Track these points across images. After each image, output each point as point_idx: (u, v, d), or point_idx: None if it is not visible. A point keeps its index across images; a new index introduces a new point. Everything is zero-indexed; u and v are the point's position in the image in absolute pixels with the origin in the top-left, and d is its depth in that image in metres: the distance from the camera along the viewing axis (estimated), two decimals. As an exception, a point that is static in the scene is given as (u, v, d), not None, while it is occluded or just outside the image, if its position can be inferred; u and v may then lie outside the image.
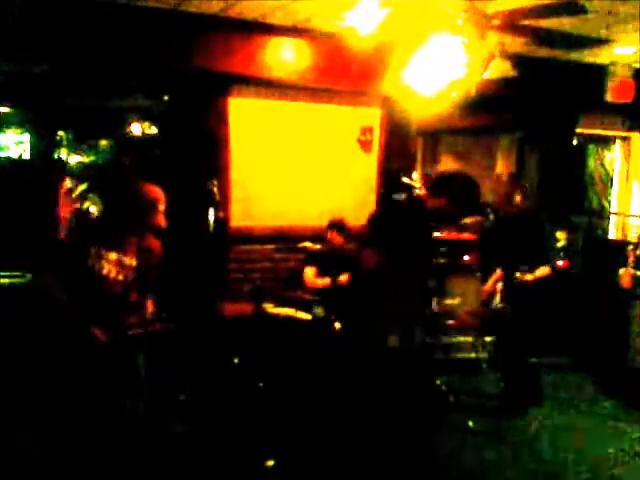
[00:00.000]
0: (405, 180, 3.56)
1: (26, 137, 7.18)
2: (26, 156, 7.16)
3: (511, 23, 3.82)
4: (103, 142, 7.75)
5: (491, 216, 6.04)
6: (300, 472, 3.72)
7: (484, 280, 5.12)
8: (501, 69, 4.21)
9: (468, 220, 6.06)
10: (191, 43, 4.96)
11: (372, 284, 3.59)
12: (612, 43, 5.38)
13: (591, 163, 7.38)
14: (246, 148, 5.45)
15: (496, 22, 3.78)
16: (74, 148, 7.54)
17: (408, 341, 3.40)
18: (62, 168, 7.22)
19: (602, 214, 7.22)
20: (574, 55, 5.92)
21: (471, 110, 5.62)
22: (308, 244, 5.39)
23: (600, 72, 6.31)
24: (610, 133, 6.99)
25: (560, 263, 6.22)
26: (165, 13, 4.81)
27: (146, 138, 7.36)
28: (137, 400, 3.19)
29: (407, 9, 3.94)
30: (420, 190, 3.48)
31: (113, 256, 3.14)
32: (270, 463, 3.66)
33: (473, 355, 5.50)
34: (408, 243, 3.40)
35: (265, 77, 5.28)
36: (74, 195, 5.84)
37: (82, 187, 5.94)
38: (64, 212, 5.49)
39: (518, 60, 4.66)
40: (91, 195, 5.74)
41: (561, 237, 6.41)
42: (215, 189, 3.79)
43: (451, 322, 4.50)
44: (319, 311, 4.59)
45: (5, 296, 4.66)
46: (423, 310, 3.67)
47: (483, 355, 5.47)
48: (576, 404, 5.18)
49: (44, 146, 7.06)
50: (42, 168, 6.88)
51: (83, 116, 7.08)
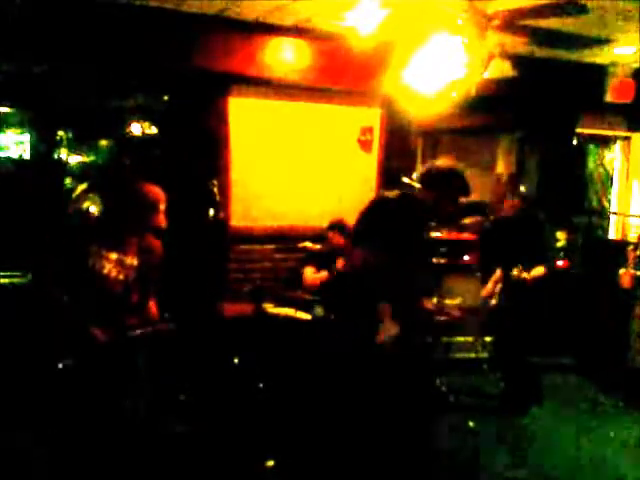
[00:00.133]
0: (405, 180, 3.55)
1: (26, 137, 7.17)
2: (26, 156, 7.16)
3: (511, 23, 3.83)
4: (103, 142, 7.74)
5: (491, 216, 6.04)
6: (300, 472, 3.72)
7: (484, 280, 5.12)
8: (501, 69, 4.22)
9: (468, 220, 6.07)
10: (191, 43, 4.96)
11: (360, 282, 3.58)
12: (612, 43, 5.38)
13: (591, 163, 7.38)
14: (246, 148, 5.45)
15: (496, 22, 3.79)
16: (74, 148, 7.53)
17: (400, 339, 3.38)
18: (62, 168, 7.22)
19: (602, 214, 7.22)
20: (574, 55, 5.92)
21: (471, 110, 5.62)
22: (308, 244, 5.39)
23: (600, 72, 6.32)
24: (610, 133, 6.99)
25: (560, 263, 6.23)
26: (165, 13, 4.81)
27: (146, 138, 7.35)
28: (137, 400, 3.19)
29: (407, 9, 3.95)
30: (418, 188, 3.45)
31: (114, 256, 3.14)
32: (270, 463, 3.66)
33: (473, 355, 5.50)
34: (398, 240, 3.38)
35: (265, 77, 5.28)
36: (74, 195, 5.84)
37: (82, 187, 5.94)
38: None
39: (518, 60, 4.67)
40: (91, 195, 5.74)
41: (561, 237, 6.41)
42: (215, 189, 3.78)
43: (442, 318, 4.50)
44: (319, 311, 4.59)
45: (5, 296, 4.66)
46: (416, 308, 3.65)
47: (483, 355, 5.47)
48: (576, 404, 5.18)
49: (44, 146, 7.06)
50: (42, 168, 6.89)
51: (83, 116, 7.06)
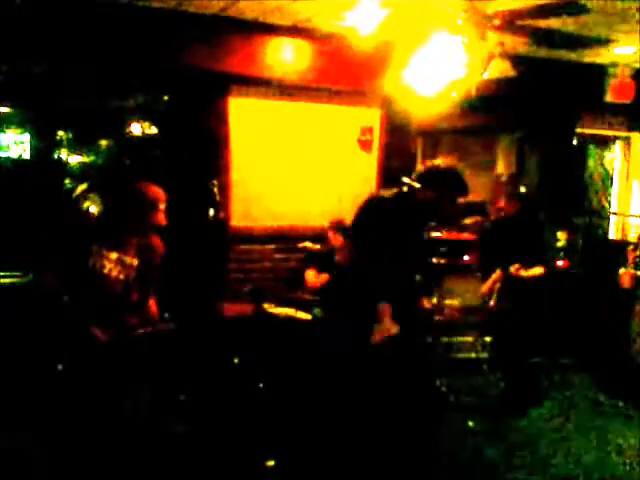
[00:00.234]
0: (405, 180, 3.54)
1: (26, 137, 7.18)
2: (26, 156, 7.16)
3: (511, 23, 3.83)
4: (103, 142, 7.75)
5: (491, 216, 6.05)
6: (300, 472, 3.72)
7: (484, 280, 5.12)
8: (501, 69, 4.21)
9: (468, 220, 6.07)
10: (191, 43, 4.96)
11: (356, 281, 3.58)
12: (612, 43, 5.38)
13: (591, 163, 7.37)
14: (246, 148, 5.44)
15: (496, 22, 3.78)
16: (74, 148, 7.54)
17: (399, 339, 3.38)
18: (62, 168, 7.22)
19: (602, 214, 7.22)
20: (574, 55, 5.92)
21: (471, 110, 5.62)
22: (308, 244, 5.39)
23: (600, 72, 6.31)
24: (610, 133, 6.99)
25: (560, 263, 6.23)
26: (165, 13, 4.81)
27: (146, 138, 7.36)
28: (137, 400, 3.19)
29: (407, 9, 3.94)
30: (418, 187, 3.44)
31: (114, 255, 3.13)
32: (270, 463, 3.66)
33: (473, 355, 5.50)
34: (393, 240, 3.37)
35: (265, 77, 5.28)
36: (74, 195, 5.84)
37: (82, 187, 5.94)
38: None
39: (518, 60, 4.67)
40: (91, 195, 5.74)
41: (561, 237, 6.41)
42: (215, 189, 3.78)
43: (440, 318, 4.51)
44: (318, 311, 4.59)
45: (5, 296, 4.66)
46: (415, 308, 3.64)
47: (483, 355, 5.47)
48: (576, 404, 5.18)
49: (44, 146, 7.07)
50: (42, 168, 6.89)
51: (83, 116, 7.07)
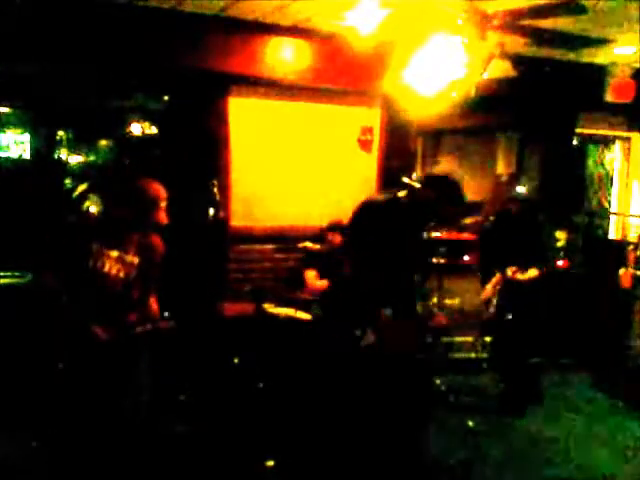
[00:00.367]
0: (405, 180, 3.54)
1: (26, 137, 7.18)
2: (26, 156, 7.17)
3: (511, 23, 3.83)
4: (103, 142, 7.75)
5: (491, 217, 6.04)
6: (300, 472, 3.72)
7: (484, 281, 5.12)
8: (501, 69, 4.21)
9: (468, 220, 6.06)
10: (191, 43, 4.96)
11: (350, 285, 3.60)
12: (612, 43, 5.38)
13: (591, 163, 7.38)
14: (246, 148, 5.45)
15: (496, 22, 3.79)
16: (74, 148, 7.54)
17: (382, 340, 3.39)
18: (62, 168, 7.23)
19: (602, 214, 7.22)
20: (574, 55, 5.92)
21: (471, 110, 5.61)
22: (308, 244, 5.39)
23: (600, 72, 6.31)
24: (610, 133, 6.99)
25: (560, 263, 6.23)
26: (165, 13, 4.81)
27: (146, 138, 7.36)
28: (137, 400, 3.19)
29: (407, 9, 3.95)
30: (418, 187, 3.45)
31: (114, 254, 3.13)
32: (270, 463, 3.67)
33: (473, 355, 5.50)
34: (385, 244, 3.39)
35: (265, 77, 5.28)
36: (74, 195, 5.85)
37: (82, 187, 5.94)
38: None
39: (518, 60, 4.67)
40: (91, 195, 5.75)
41: (561, 237, 6.41)
42: (215, 189, 3.78)
43: (431, 324, 4.53)
44: (318, 310, 4.59)
45: (5, 296, 4.66)
46: (411, 312, 3.66)
47: (483, 355, 5.47)
48: (576, 404, 5.18)
49: (44, 146, 7.07)
50: (42, 168, 6.89)
51: (83, 116, 7.08)
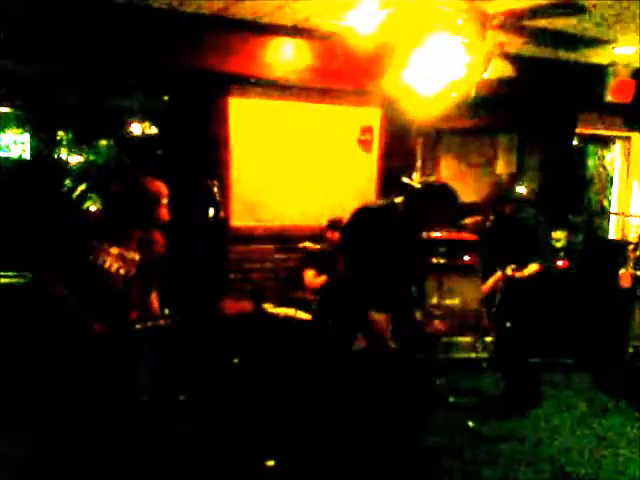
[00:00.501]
0: (405, 180, 3.55)
1: (26, 137, 7.18)
2: (26, 156, 7.17)
3: (511, 23, 3.83)
4: (103, 142, 7.75)
5: (491, 216, 6.03)
6: (300, 472, 3.72)
7: (484, 280, 5.12)
8: (501, 69, 4.21)
9: (468, 220, 6.06)
10: (191, 43, 4.96)
11: (345, 288, 3.62)
12: (612, 43, 5.38)
13: (591, 163, 7.38)
14: (246, 148, 5.45)
15: (496, 22, 3.79)
16: (74, 148, 7.54)
17: (380, 344, 3.40)
18: (62, 168, 7.22)
19: (602, 214, 7.22)
20: (574, 55, 5.92)
21: (471, 110, 5.61)
22: (308, 244, 5.39)
23: (600, 72, 6.31)
24: (610, 133, 6.99)
25: (560, 263, 6.23)
26: (165, 13, 4.81)
27: (146, 138, 7.36)
28: (137, 399, 3.19)
29: (407, 9, 3.94)
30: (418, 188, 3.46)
31: (115, 250, 3.13)
32: (270, 463, 3.66)
33: (473, 355, 5.50)
34: (378, 251, 3.40)
35: (265, 77, 5.28)
36: (74, 195, 5.84)
37: (82, 187, 5.94)
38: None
39: (518, 60, 4.67)
40: (91, 195, 5.74)
41: (561, 237, 6.40)
42: (215, 189, 3.78)
43: (428, 330, 4.54)
44: (317, 309, 4.59)
45: (5, 296, 4.66)
46: (410, 318, 3.68)
47: (483, 355, 5.47)
48: (576, 404, 5.18)
49: (44, 146, 7.07)
50: (42, 168, 6.89)
51: (83, 116, 7.07)
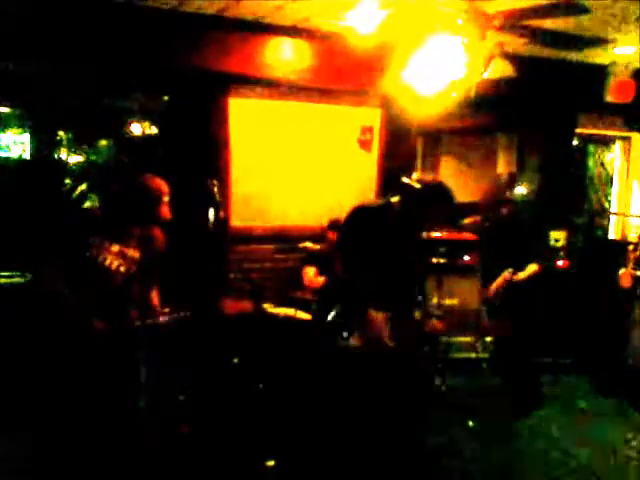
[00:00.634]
0: (405, 180, 3.54)
1: (26, 137, 7.18)
2: (26, 156, 7.16)
3: (511, 23, 3.83)
4: (103, 142, 7.75)
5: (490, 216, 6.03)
6: (300, 472, 3.72)
7: (485, 280, 5.12)
8: (501, 69, 4.21)
9: (468, 220, 6.06)
10: (191, 43, 4.96)
11: (343, 288, 3.63)
12: (612, 43, 5.38)
13: (591, 163, 7.38)
14: (246, 148, 5.44)
15: (496, 22, 3.79)
16: (74, 148, 7.54)
17: (374, 342, 3.40)
18: (62, 168, 7.22)
19: (602, 214, 7.22)
20: (574, 55, 5.92)
21: (471, 110, 5.61)
22: (308, 244, 5.39)
23: (600, 72, 6.31)
24: (610, 133, 6.99)
25: (560, 263, 6.23)
26: (165, 13, 4.81)
27: (146, 138, 7.36)
28: (137, 400, 3.19)
29: (407, 9, 3.95)
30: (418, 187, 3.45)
31: (115, 248, 3.13)
32: (270, 463, 3.66)
33: (473, 355, 5.50)
34: (376, 249, 3.40)
35: (265, 77, 5.28)
36: (74, 195, 5.84)
37: (82, 187, 5.94)
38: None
39: (518, 60, 4.67)
40: (91, 195, 5.74)
41: (561, 237, 6.40)
42: (215, 189, 3.78)
43: (426, 329, 4.54)
44: (317, 308, 4.59)
45: (5, 296, 4.66)
46: (408, 318, 3.68)
47: (483, 355, 5.47)
48: (576, 404, 5.18)
49: (44, 146, 7.07)
50: (42, 168, 6.88)
51: (83, 116, 7.07)
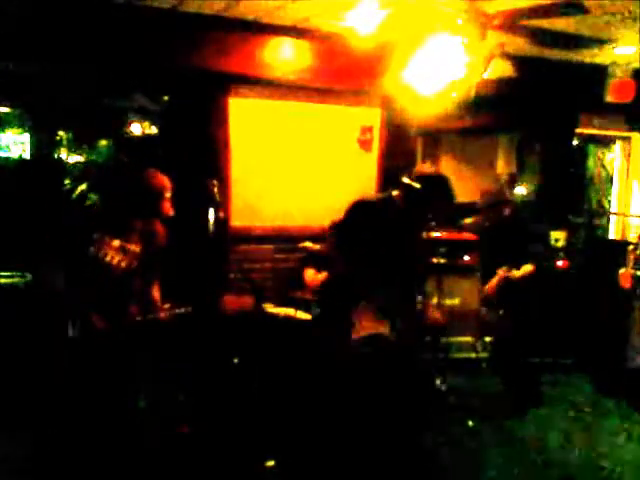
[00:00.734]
0: (405, 180, 3.55)
1: (26, 137, 7.19)
2: (26, 156, 7.17)
3: (511, 23, 3.83)
4: (103, 142, 7.76)
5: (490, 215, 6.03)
6: (300, 472, 3.72)
7: (484, 280, 5.12)
8: (501, 69, 4.21)
9: (468, 220, 6.06)
10: (191, 43, 4.96)
11: (343, 283, 3.62)
12: (612, 43, 5.38)
13: (591, 163, 7.38)
14: (246, 148, 5.45)
15: (496, 22, 3.79)
16: (74, 148, 7.55)
17: (374, 343, 3.41)
18: (62, 168, 7.22)
19: (602, 214, 7.22)
20: (574, 55, 5.92)
21: (471, 110, 5.61)
22: (308, 244, 5.38)
23: (600, 72, 6.31)
24: (610, 133, 6.99)
25: (560, 263, 6.23)
26: (165, 13, 4.81)
27: (146, 138, 7.36)
28: (137, 400, 3.19)
29: (407, 9, 3.94)
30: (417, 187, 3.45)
31: (116, 243, 3.14)
32: (270, 463, 3.66)
33: (473, 355, 5.50)
34: (376, 243, 3.40)
35: (265, 77, 5.28)
36: (74, 195, 5.84)
37: (82, 187, 5.94)
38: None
39: (518, 60, 4.67)
40: (91, 195, 5.74)
41: (561, 237, 6.40)
42: (215, 189, 3.78)
43: (427, 322, 4.53)
44: (317, 311, 4.58)
45: (5, 296, 4.66)
46: (409, 311, 3.67)
47: (483, 355, 5.47)
48: (576, 404, 5.18)
49: (44, 146, 7.07)
50: (42, 168, 6.89)
51: (83, 116, 7.08)
